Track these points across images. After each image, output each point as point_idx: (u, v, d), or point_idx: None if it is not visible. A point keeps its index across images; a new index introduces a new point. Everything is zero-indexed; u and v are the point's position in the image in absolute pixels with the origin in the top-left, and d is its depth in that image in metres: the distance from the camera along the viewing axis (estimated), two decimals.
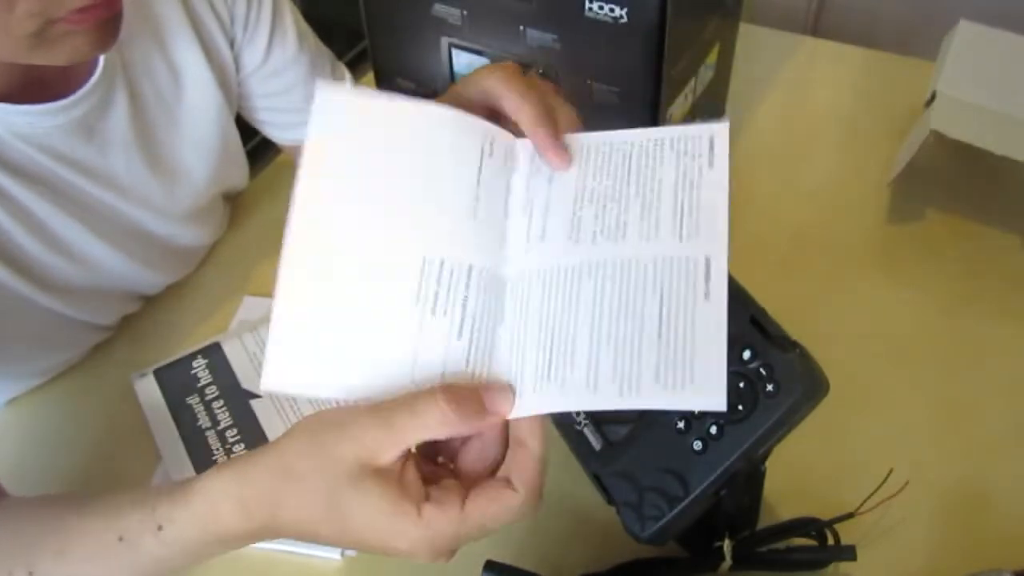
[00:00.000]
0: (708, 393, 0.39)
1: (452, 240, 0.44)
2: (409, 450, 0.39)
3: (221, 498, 0.40)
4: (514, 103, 0.47)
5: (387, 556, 0.39)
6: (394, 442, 0.38)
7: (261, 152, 0.90)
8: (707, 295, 0.41)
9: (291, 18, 0.72)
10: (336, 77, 0.76)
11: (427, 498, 0.38)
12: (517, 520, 0.39)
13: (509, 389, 0.41)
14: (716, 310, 0.41)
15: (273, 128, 0.77)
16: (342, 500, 0.38)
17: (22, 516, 0.47)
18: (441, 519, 0.38)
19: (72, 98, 0.57)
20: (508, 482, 0.39)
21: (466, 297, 0.43)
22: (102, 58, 0.59)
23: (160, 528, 0.41)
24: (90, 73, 0.58)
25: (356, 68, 0.97)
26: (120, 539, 0.42)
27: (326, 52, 0.76)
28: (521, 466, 0.39)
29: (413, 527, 0.38)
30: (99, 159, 0.61)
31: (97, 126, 0.60)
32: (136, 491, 0.44)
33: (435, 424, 0.38)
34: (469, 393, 0.39)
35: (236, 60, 0.70)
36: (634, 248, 0.44)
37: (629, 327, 0.41)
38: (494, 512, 0.39)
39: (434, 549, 0.39)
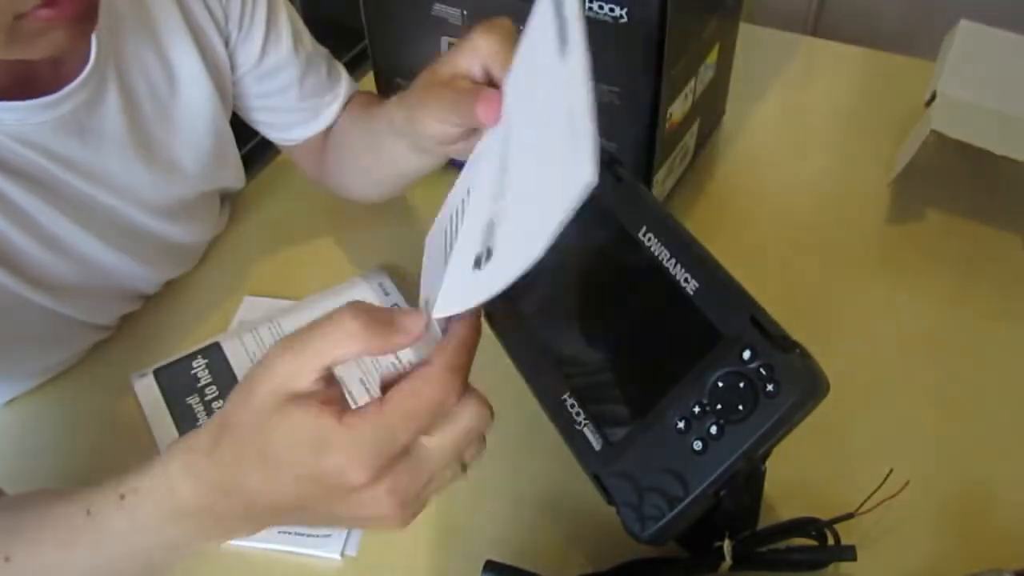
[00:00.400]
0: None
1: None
2: (329, 374, 0.39)
3: (175, 463, 0.40)
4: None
5: (328, 502, 0.38)
6: (306, 365, 0.37)
7: (261, 152, 0.90)
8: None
9: (286, 17, 0.72)
10: (332, 78, 0.76)
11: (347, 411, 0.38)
12: (441, 403, 0.37)
13: (421, 313, 0.39)
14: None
15: (270, 128, 0.77)
16: (270, 434, 0.37)
17: (5, 507, 0.47)
18: (361, 418, 0.37)
19: (61, 93, 0.57)
20: (425, 362, 0.38)
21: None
22: (93, 53, 0.58)
23: (123, 497, 0.41)
24: (80, 69, 0.58)
25: (356, 68, 0.96)
26: (88, 512, 0.41)
27: (323, 52, 0.76)
28: (442, 345, 0.38)
29: (335, 434, 0.36)
30: (91, 155, 0.61)
31: (88, 122, 0.60)
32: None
33: (344, 340, 0.37)
34: (380, 313, 0.38)
35: (231, 59, 0.70)
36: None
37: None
38: (411, 392, 0.37)
39: (368, 458, 0.37)
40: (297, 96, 0.73)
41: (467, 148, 0.53)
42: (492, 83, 0.52)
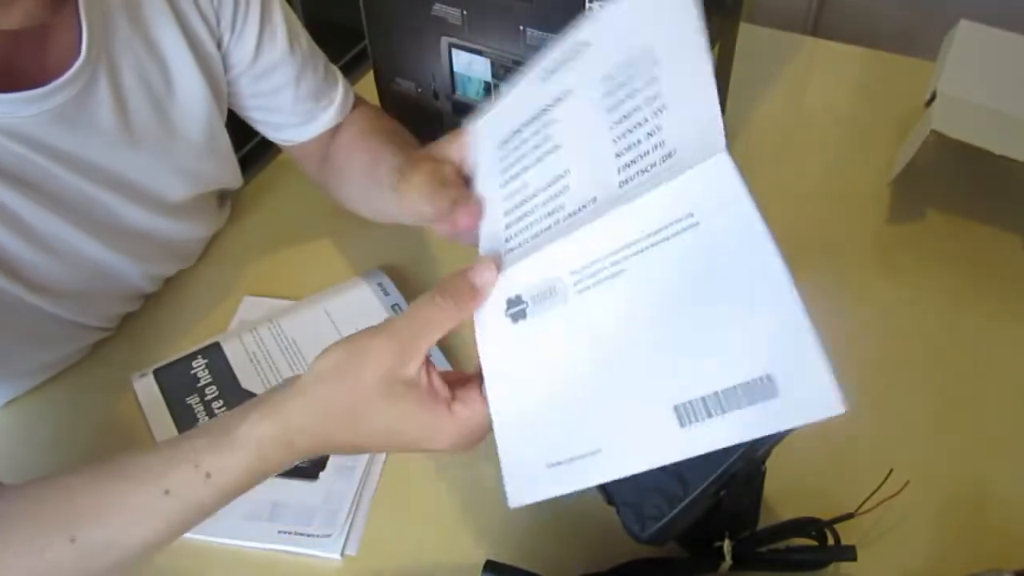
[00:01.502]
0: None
1: None
2: (428, 360, 0.44)
3: (269, 443, 0.44)
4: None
5: (415, 450, 0.46)
6: (409, 353, 0.43)
7: (261, 152, 0.90)
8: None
9: (281, 17, 0.71)
10: (328, 82, 0.75)
11: (454, 398, 0.45)
12: None
13: (492, 262, 0.46)
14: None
15: (266, 128, 0.77)
16: (381, 416, 0.43)
17: (49, 490, 0.47)
18: (469, 413, 0.44)
19: (50, 86, 0.56)
20: None
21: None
22: (84, 48, 0.58)
23: (208, 476, 0.44)
24: (67, 63, 0.58)
25: (356, 68, 0.97)
26: (167, 492, 0.44)
27: (319, 54, 0.76)
28: None
29: (448, 423, 0.44)
30: (82, 149, 0.60)
31: (78, 116, 0.59)
32: (166, 448, 0.46)
33: (437, 319, 0.44)
34: (457, 279, 0.46)
35: (224, 61, 0.70)
36: None
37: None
38: None
39: (469, 440, 0.45)
40: (293, 97, 0.73)
41: (448, 230, 0.55)
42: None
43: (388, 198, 0.63)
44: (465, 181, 0.56)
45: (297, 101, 0.73)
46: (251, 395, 0.68)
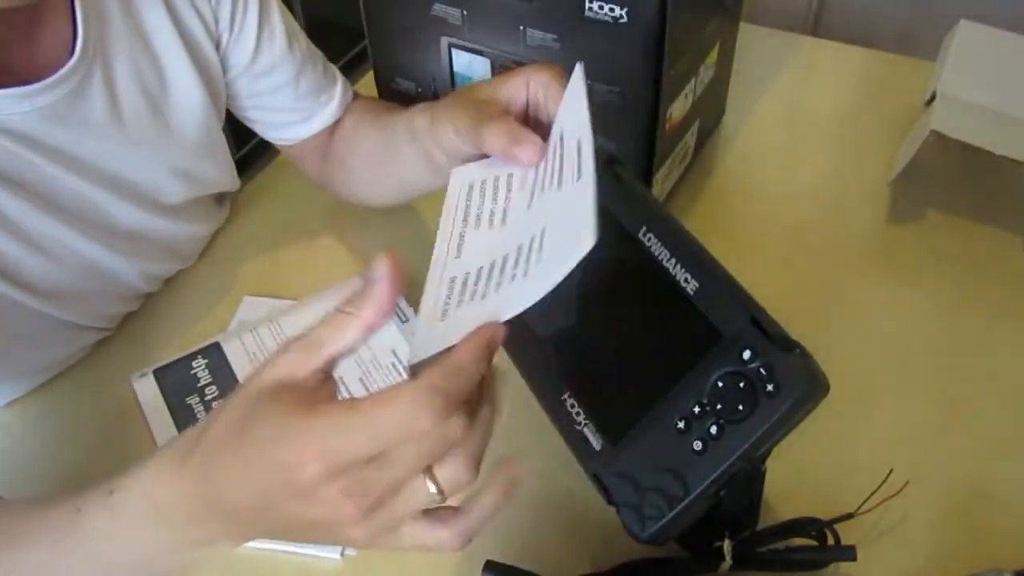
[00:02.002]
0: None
1: None
2: (328, 373, 0.39)
3: (156, 463, 0.40)
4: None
5: (286, 500, 0.37)
6: (307, 353, 0.39)
7: (261, 152, 0.90)
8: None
9: (279, 18, 0.71)
10: (327, 78, 0.75)
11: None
12: (411, 419, 0.35)
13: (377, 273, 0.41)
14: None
15: (264, 127, 0.77)
16: (245, 426, 0.37)
17: (1, 510, 0.47)
18: (327, 414, 0.36)
19: (44, 83, 0.56)
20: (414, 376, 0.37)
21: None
22: (79, 46, 0.58)
23: (111, 493, 0.41)
24: (60, 62, 0.58)
25: (356, 68, 0.97)
26: (78, 510, 0.42)
27: (318, 53, 0.76)
28: (436, 364, 0.37)
29: (298, 424, 0.36)
30: (76, 147, 0.60)
31: (71, 114, 0.59)
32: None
33: (334, 327, 0.40)
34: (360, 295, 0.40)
35: (223, 62, 0.70)
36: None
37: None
38: (385, 400, 0.35)
39: (321, 452, 0.35)
40: (292, 96, 0.73)
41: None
42: (530, 120, 0.54)
43: (407, 157, 0.62)
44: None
45: (297, 99, 0.74)
46: None
